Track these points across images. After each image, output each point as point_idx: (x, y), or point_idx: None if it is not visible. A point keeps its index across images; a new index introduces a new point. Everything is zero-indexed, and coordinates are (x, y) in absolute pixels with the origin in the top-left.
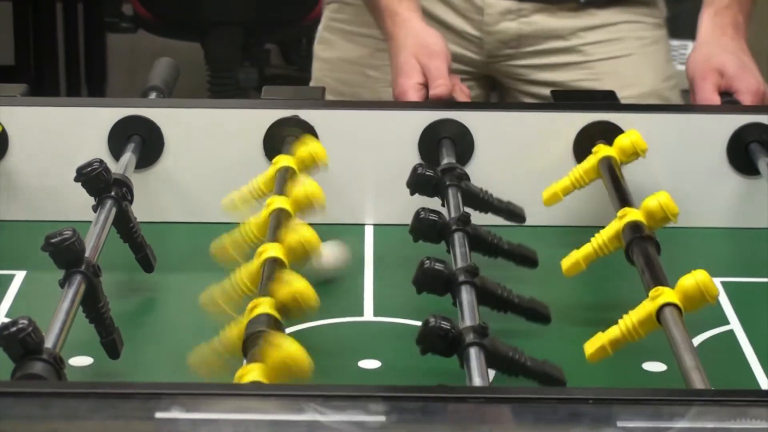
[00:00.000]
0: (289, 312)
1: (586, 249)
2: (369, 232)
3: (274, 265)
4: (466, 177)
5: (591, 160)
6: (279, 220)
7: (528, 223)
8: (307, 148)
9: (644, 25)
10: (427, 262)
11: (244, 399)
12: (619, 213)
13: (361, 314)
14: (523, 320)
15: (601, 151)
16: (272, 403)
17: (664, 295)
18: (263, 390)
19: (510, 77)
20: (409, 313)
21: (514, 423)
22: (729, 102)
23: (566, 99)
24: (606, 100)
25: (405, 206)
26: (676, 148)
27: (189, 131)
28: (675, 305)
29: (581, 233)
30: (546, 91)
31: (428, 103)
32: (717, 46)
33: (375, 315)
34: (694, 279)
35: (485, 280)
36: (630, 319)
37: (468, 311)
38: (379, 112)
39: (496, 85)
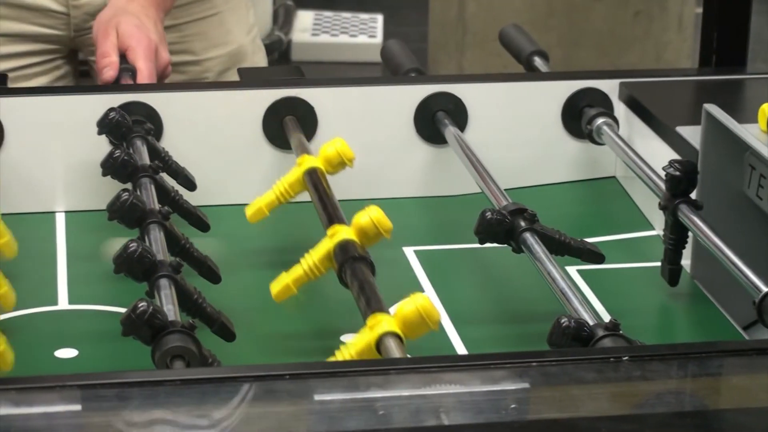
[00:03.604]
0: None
1: (296, 271)
2: (60, 219)
3: None
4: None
5: (296, 172)
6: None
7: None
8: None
9: None
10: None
11: None
12: (329, 231)
13: (56, 303)
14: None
15: (305, 162)
16: None
17: (383, 324)
18: None
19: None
20: (105, 299)
21: (208, 403)
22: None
23: (252, 76)
24: (293, 76)
25: (97, 192)
26: (364, 121)
27: None
28: (396, 335)
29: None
30: None
31: (115, 87)
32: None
33: (70, 303)
34: (414, 305)
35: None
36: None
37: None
38: (60, 96)
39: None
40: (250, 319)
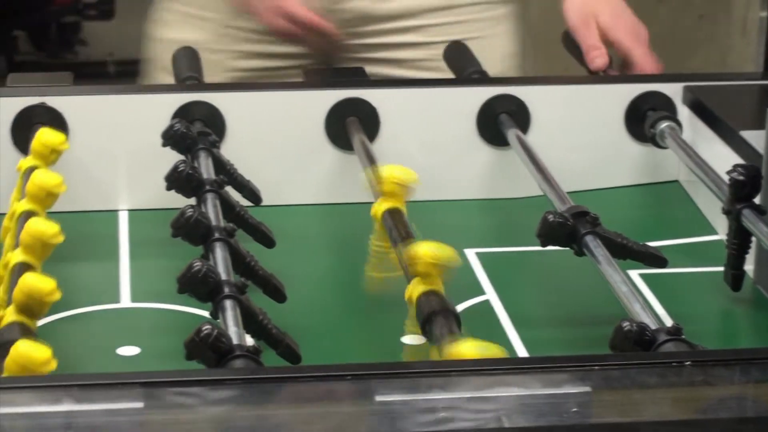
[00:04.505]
0: (33, 309)
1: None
2: (123, 218)
3: (20, 270)
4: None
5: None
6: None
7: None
8: (39, 141)
9: (492, 5)
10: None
11: None
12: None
13: (118, 301)
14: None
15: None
16: (27, 395)
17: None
18: (17, 382)
19: (346, 55)
20: (167, 297)
21: (274, 402)
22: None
23: (315, 77)
24: (356, 76)
25: (160, 191)
26: (427, 122)
27: None
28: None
29: None
30: (384, 70)
31: (178, 86)
32: None
33: (132, 301)
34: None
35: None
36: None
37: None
38: (124, 96)
39: None
40: (313, 330)
